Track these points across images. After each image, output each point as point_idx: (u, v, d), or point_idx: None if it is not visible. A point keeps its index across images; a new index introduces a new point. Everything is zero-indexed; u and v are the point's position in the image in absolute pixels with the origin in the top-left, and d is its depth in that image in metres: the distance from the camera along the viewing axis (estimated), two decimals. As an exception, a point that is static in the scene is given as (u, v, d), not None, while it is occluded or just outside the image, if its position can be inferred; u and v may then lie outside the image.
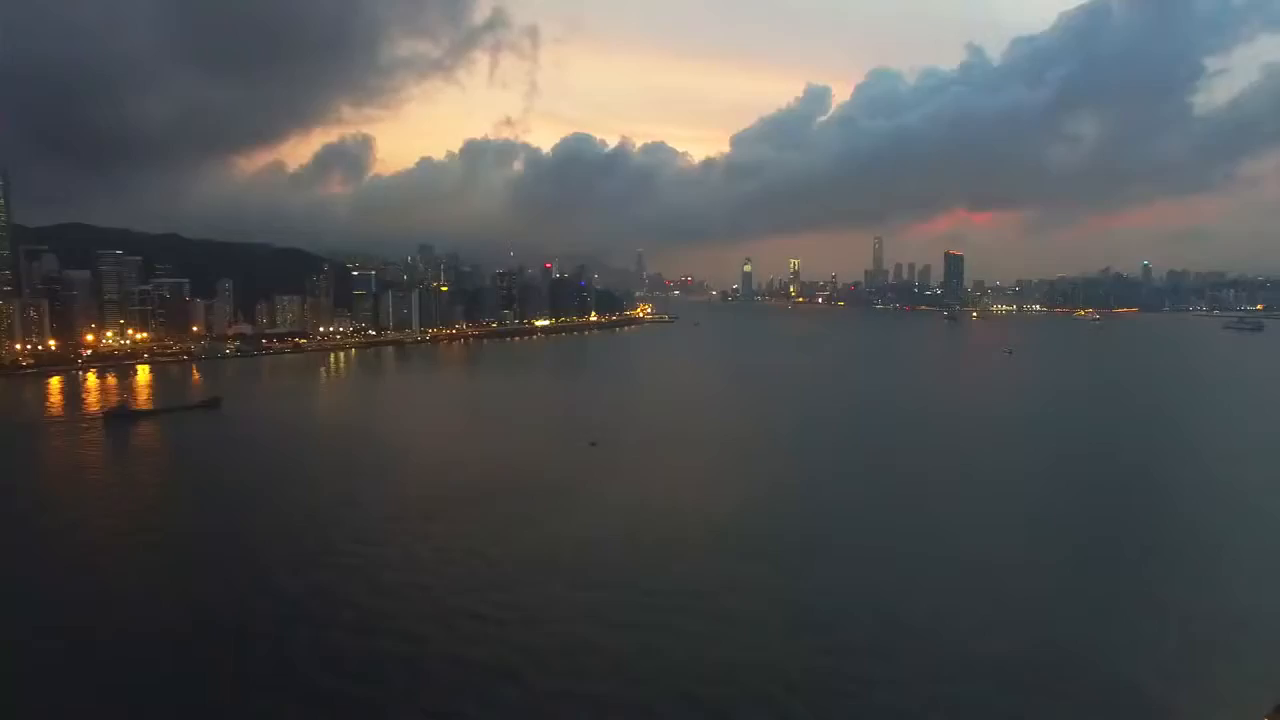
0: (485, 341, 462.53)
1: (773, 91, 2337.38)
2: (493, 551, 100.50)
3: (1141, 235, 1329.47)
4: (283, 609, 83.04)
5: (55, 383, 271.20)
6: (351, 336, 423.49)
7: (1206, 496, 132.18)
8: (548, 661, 71.70)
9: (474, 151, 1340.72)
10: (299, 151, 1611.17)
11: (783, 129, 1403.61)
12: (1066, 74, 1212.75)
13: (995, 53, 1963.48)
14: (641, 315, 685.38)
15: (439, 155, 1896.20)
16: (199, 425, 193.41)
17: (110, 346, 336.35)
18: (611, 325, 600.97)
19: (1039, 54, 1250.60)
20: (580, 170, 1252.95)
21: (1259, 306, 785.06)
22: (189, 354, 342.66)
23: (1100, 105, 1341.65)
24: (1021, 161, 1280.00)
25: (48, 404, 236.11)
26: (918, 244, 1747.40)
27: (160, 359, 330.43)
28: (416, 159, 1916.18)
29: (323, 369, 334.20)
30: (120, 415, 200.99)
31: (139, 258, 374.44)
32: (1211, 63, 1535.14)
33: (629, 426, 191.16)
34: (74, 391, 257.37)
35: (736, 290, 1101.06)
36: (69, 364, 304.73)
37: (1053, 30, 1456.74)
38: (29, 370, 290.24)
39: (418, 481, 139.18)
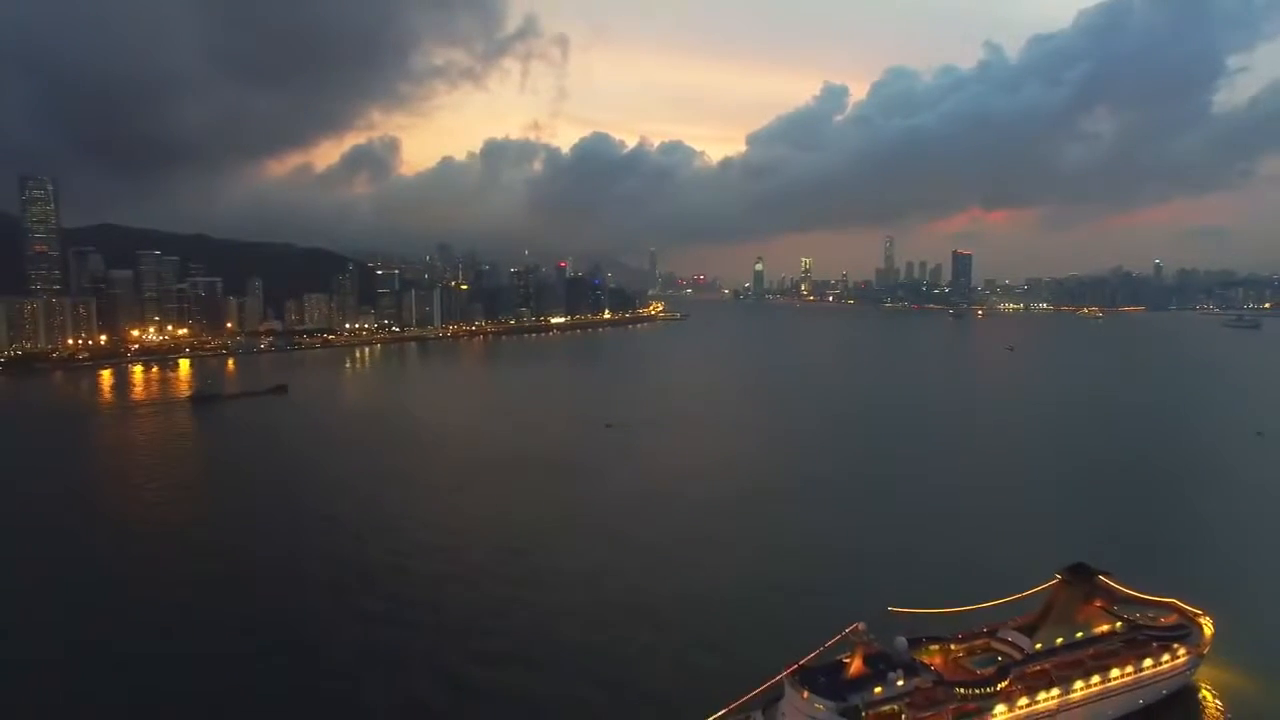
0: (504, 338, 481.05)
1: (790, 90, 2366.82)
2: (519, 512, 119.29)
3: (1157, 234, 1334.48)
4: (339, 566, 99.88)
5: (107, 375, 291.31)
6: (377, 333, 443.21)
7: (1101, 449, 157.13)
8: (559, 598, 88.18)
9: (494, 151, 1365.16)
10: (329, 154, 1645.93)
11: (799, 128, 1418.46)
12: (1085, 73, 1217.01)
13: (1013, 50, 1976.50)
14: (654, 313, 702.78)
15: (460, 156, 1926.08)
16: (272, 407, 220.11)
17: (153, 342, 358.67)
18: (625, 322, 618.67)
19: (1057, 53, 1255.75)
20: (598, 170, 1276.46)
21: (1266, 305, 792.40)
22: (227, 348, 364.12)
23: (1119, 104, 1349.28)
24: (1038, 160, 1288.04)
25: (123, 392, 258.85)
26: (931, 242, 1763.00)
27: (200, 353, 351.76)
28: (438, 159, 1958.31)
29: (356, 362, 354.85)
30: (205, 399, 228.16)
31: (176, 258, 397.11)
32: (1234, 61, 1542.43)
33: (640, 412, 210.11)
34: (140, 381, 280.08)
35: (748, 289, 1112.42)
36: (119, 357, 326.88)
37: (1071, 28, 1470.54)
38: (85, 363, 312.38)
39: (454, 457, 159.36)
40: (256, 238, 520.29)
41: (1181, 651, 63.97)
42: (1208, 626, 66.86)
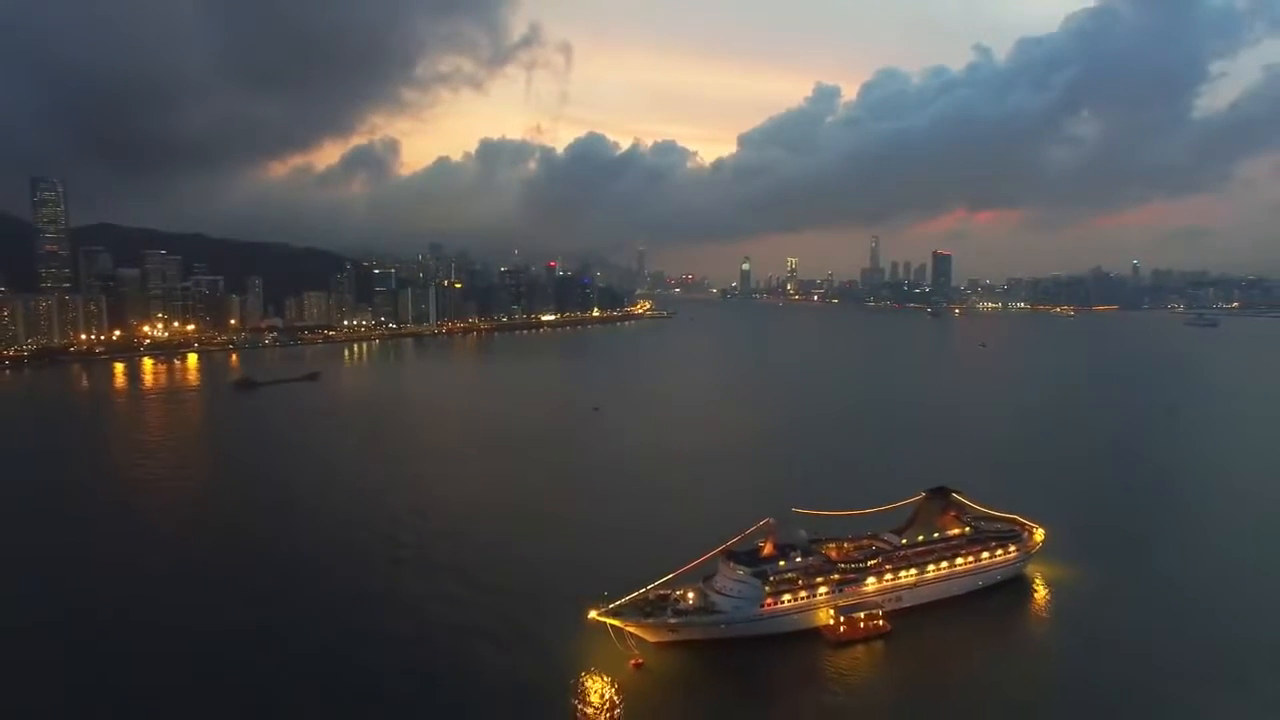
0: (496, 334, 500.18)
1: (783, 91, 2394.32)
2: (520, 479, 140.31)
3: (1138, 235, 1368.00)
4: (356, 533, 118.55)
5: (120, 367, 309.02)
6: (375, 329, 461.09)
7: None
8: (553, 551, 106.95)
9: (489, 152, 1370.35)
10: (329, 157, 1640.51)
11: (791, 129, 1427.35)
12: (1072, 76, 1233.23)
13: (1002, 52, 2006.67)
14: (641, 311, 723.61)
15: (456, 156, 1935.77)
16: (306, 392, 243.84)
17: (162, 337, 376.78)
18: (613, 320, 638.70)
19: (1045, 56, 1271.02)
20: (592, 170, 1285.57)
21: (1234, 305, 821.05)
22: (233, 344, 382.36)
23: (1103, 107, 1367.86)
24: (1023, 162, 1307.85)
25: (155, 381, 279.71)
26: (918, 243, 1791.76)
27: (208, 348, 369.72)
28: (435, 159, 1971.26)
29: (363, 357, 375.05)
30: (246, 384, 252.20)
31: (179, 257, 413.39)
32: (1216, 66, 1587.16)
33: (625, 398, 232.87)
34: (155, 372, 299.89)
35: (735, 288, 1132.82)
36: (132, 351, 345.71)
37: (1059, 31, 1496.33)
38: (101, 356, 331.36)
39: (465, 432, 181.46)
40: (253, 237, 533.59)
41: (1013, 549, 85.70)
42: (1039, 534, 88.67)
